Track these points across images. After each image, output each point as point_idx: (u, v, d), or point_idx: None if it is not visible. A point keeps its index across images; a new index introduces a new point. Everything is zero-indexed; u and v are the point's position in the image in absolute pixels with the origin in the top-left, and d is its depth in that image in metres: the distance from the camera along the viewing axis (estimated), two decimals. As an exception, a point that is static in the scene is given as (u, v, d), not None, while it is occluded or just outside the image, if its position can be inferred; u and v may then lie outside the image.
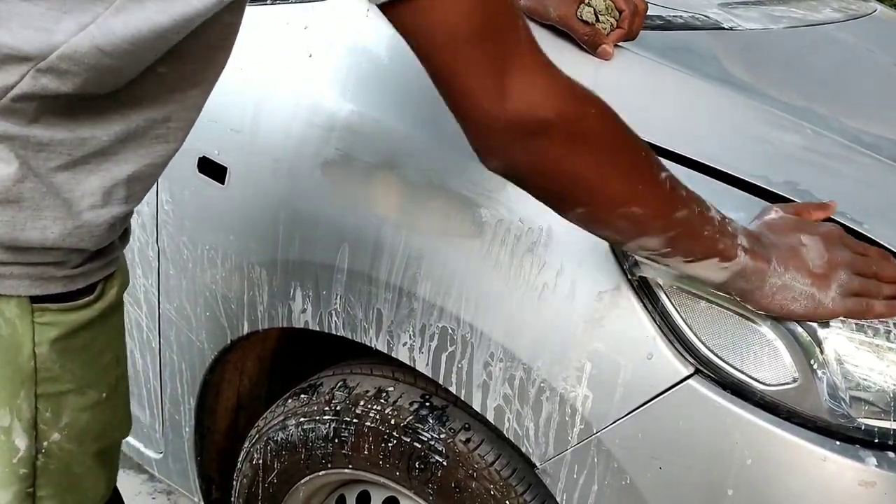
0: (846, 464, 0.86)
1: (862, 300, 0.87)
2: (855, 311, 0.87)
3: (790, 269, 0.84)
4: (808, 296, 0.85)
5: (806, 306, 0.85)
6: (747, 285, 0.84)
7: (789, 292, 0.84)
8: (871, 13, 1.67)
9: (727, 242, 0.81)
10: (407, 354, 1.08)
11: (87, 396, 0.84)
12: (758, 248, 0.83)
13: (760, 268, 0.83)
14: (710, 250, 0.81)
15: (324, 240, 1.13)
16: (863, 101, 1.26)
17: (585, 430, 0.95)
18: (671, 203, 0.78)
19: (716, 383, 0.90)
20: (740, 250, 0.81)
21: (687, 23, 1.24)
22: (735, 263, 0.81)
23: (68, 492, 0.87)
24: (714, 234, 0.80)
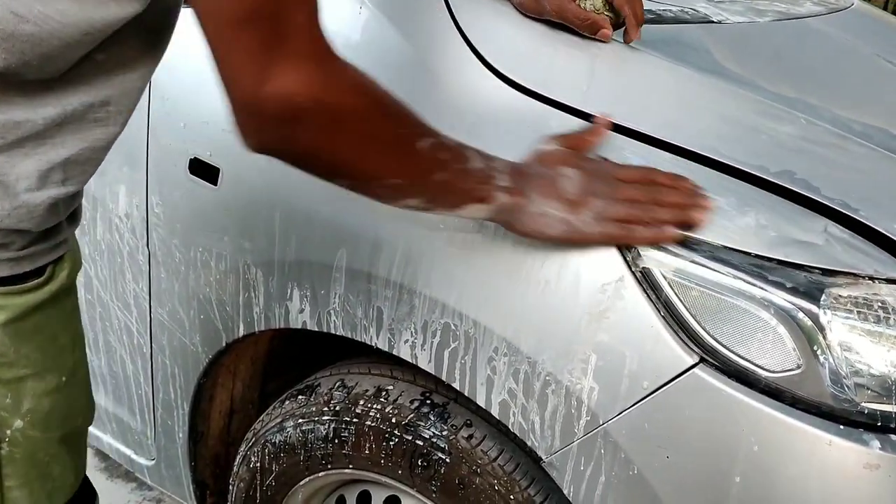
0: (851, 447, 0.87)
1: (624, 225, 0.93)
2: (616, 236, 0.93)
3: (546, 197, 0.91)
4: (563, 221, 0.92)
5: (562, 230, 0.92)
6: (508, 217, 0.92)
7: (546, 219, 0.91)
8: (850, 6, 1.70)
9: (486, 189, 0.88)
10: (409, 352, 1.08)
11: (46, 381, 0.85)
12: (517, 184, 0.90)
13: (518, 202, 0.90)
14: (468, 199, 0.88)
15: (321, 238, 1.12)
16: (851, 91, 1.28)
17: (592, 421, 0.95)
18: (429, 170, 0.83)
19: (721, 371, 0.90)
20: (498, 192, 0.89)
21: (677, 17, 1.25)
22: (493, 205, 0.89)
23: (37, 480, 0.88)
24: (473, 185, 0.87)
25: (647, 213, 0.93)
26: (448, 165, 0.85)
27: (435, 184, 0.85)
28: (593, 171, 0.94)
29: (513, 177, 0.90)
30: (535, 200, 0.91)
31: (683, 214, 0.93)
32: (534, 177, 0.92)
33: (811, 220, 0.94)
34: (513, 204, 0.90)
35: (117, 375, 1.51)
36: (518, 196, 0.90)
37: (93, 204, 1.41)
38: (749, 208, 0.94)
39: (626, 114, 1.04)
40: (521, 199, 0.90)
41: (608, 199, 0.92)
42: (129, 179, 1.33)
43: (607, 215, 0.92)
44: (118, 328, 1.46)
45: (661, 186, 0.95)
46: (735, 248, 0.92)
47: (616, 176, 0.95)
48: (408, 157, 0.82)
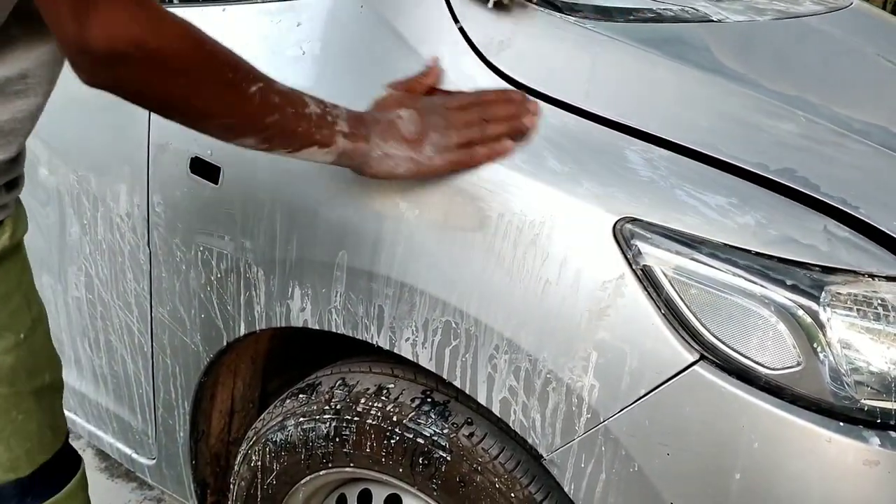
0: (850, 444, 0.87)
1: (464, 150, 0.99)
2: (459, 161, 1.00)
3: (388, 140, 0.97)
4: (408, 159, 0.98)
5: (408, 168, 0.99)
6: (353, 162, 0.98)
7: (392, 160, 0.98)
8: (849, 5, 1.70)
9: (324, 133, 0.93)
10: (410, 350, 1.08)
11: (6, 339, 0.92)
12: (358, 130, 0.96)
13: (360, 147, 0.96)
14: (306, 142, 0.93)
15: (322, 237, 1.12)
16: (850, 89, 1.28)
17: (592, 419, 0.96)
18: (261, 112, 0.88)
19: (721, 369, 0.90)
20: (339, 136, 0.94)
21: (677, 15, 1.25)
22: (334, 148, 0.95)
23: (13, 437, 0.95)
24: (310, 129, 0.92)
25: (481, 132, 0.99)
26: (281, 109, 0.89)
27: (270, 126, 0.89)
28: (427, 107, 1.00)
29: (352, 123, 0.96)
30: (377, 144, 0.97)
31: (513, 125, 1.00)
32: (373, 122, 0.98)
33: (811, 217, 0.94)
34: (354, 149, 0.96)
35: (118, 375, 1.51)
36: (360, 141, 0.96)
37: (93, 203, 1.41)
38: (749, 206, 0.94)
39: (626, 112, 1.04)
40: (363, 143, 0.96)
41: (444, 129, 0.99)
42: (130, 178, 1.33)
43: (446, 145, 0.99)
44: (119, 327, 1.46)
45: (489, 104, 1.01)
46: (735, 246, 0.92)
47: (447, 106, 1.01)
48: (237, 99, 0.86)
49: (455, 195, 1.02)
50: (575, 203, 0.96)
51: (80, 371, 1.58)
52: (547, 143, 1.02)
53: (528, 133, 1.00)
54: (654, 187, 0.96)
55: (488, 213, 1.00)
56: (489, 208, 1.00)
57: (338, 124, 0.95)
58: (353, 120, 0.97)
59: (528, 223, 0.98)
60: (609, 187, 0.97)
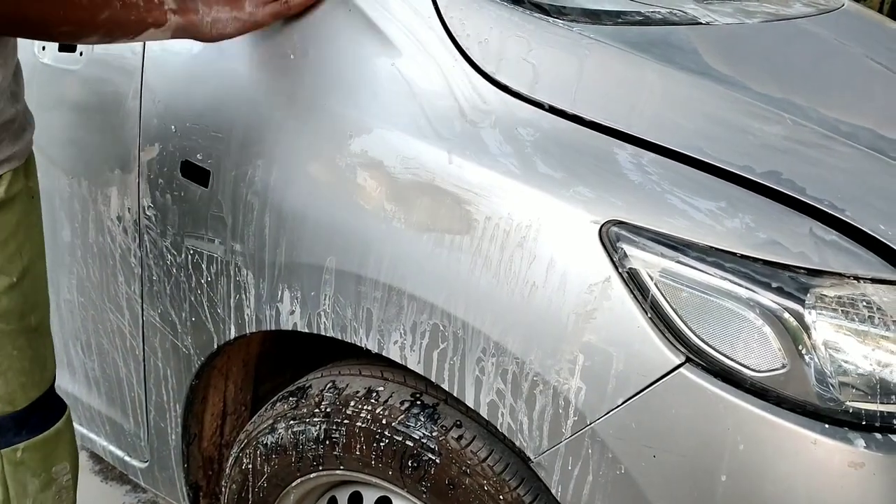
0: (835, 446, 0.87)
1: (282, 2, 1.10)
2: (277, 12, 1.11)
3: (212, 5, 1.08)
4: (233, 19, 1.10)
5: (236, 27, 1.11)
6: (188, 34, 1.09)
7: (220, 23, 1.09)
8: (840, 7, 1.71)
9: (155, 14, 1.03)
10: (398, 353, 1.08)
11: (1, 280, 1.02)
12: (185, 4, 1.06)
13: (190, 19, 1.07)
14: (141, 27, 1.03)
15: (311, 240, 1.12)
16: (839, 91, 1.29)
17: (579, 421, 0.96)
18: (92, 13, 0.98)
19: (707, 371, 0.91)
20: (169, 14, 1.05)
21: (665, 18, 1.26)
22: (168, 25, 1.05)
23: (10, 371, 1.06)
24: (140, 14, 1.02)
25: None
26: (109, 4, 0.99)
27: (105, 22, 0.99)
28: None
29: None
30: (205, 12, 1.08)
31: None
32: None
33: (797, 220, 0.95)
34: (186, 21, 1.07)
35: (110, 378, 1.51)
36: (190, 14, 1.07)
37: (84, 206, 1.41)
38: (735, 209, 0.94)
39: (614, 115, 1.04)
40: (193, 15, 1.07)
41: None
42: (121, 182, 1.34)
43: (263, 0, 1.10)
44: (111, 330, 1.46)
45: None
46: (721, 249, 0.92)
47: None
48: (67, 6, 0.95)
49: (442, 198, 1.02)
50: (561, 206, 0.97)
51: (73, 374, 1.58)
52: (534, 146, 1.02)
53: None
54: (641, 190, 0.96)
55: (475, 217, 1.00)
56: (476, 211, 1.00)
57: (166, 3, 1.04)
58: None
59: (515, 226, 0.98)
60: (596, 190, 0.97)
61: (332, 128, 1.11)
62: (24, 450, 1.10)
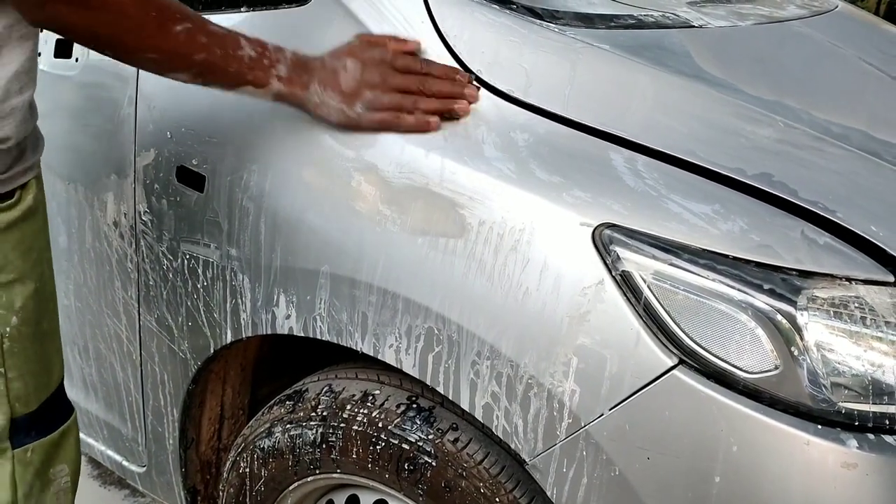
0: (828, 447, 0.88)
1: (394, 114, 1.05)
2: (385, 122, 1.06)
3: (326, 89, 1.05)
4: (339, 111, 1.06)
5: (339, 119, 1.07)
6: (290, 103, 1.07)
7: (326, 108, 1.06)
8: (834, 9, 1.71)
9: (259, 74, 1.02)
10: (393, 356, 1.09)
11: (27, 285, 1.03)
12: (298, 76, 1.05)
13: (296, 93, 1.05)
14: (239, 81, 1.02)
15: (306, 245, 1.13)
16: (831, 93, 1.29)
17: (573, 424, 0.96)
18: (187, 50, 0.97)
19: (700, 373, 0.91)
20: (273, 80, 1.03)
21: (658, 21, 1.26)
22: (268, 90, 1.04)
23: (28, 373, 1.06)
24: (242, 69, 1.01)
25: (414, 102, 1.05)
26: (208, 49, 0.98)
27: (199, 63, 0.98)
28: (372, 62, 1.06)
29: (293, 68, 1.04)
30: (316, 91, 1.05)
31: (447, 104, 1.05)
32: (318, 69, 1.06)
33: (789, 222, 0.95)
34: (290, 93, 1.05)
35: (107, 383, 1.52)
36: (297, 87, 1.05)
37: (80, 212, 1.42)
38: (727, 211, 0.95)
39: (606, 118, 1.05)
40: (300, 90, 1.05)
41: (378, 88, 1.05)
42: (117, 187, 1.34)
43: (376, 104, 1.05)
44: (108, 335, 1.46)
45: (431, 77, 1.05)
46: (714, 251, 0.93)
47: (392, 65, 1.06)
48: (160, 36, 0.95)
49: (437, 202, 1.03)
50: (555, 209, 0.97)
51: (70, 379, 1.59)
52: (527, 150, 1.02)
53: (460, 118, 1.05)
54: (635, 193, 0.97)
55: (469, 221, 1.00)
56: (470, 215, 1.01)
57: (275, 68, 1.03)
58: (295, 65, 1.04)
59: (509, 230, 0.98)
60: (589, 194, 0.97)
61: (327, 132, 1.12)
62: (33, 450, 1.10)
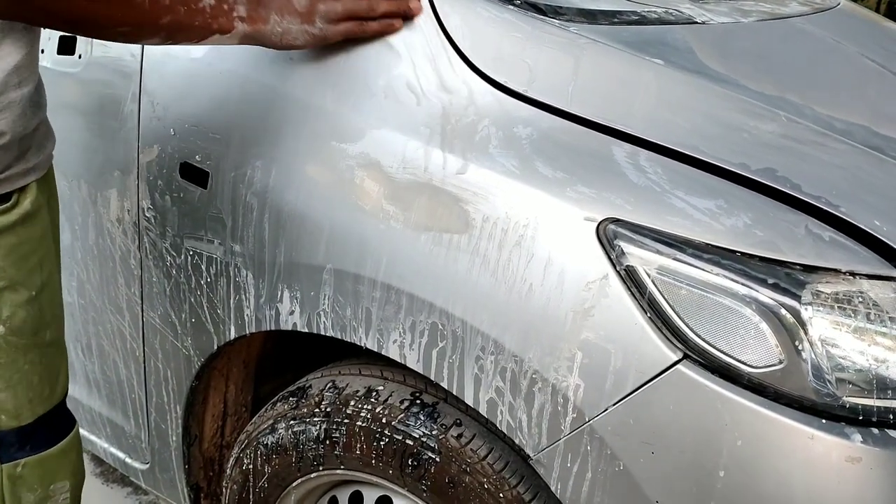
0: (833, 441, 0.88)
1: (356, 22, 1.08)
2: (350, 31, 1.09)
3: (285, 16, 1.06)
4: (302, 32, 1.08)
5: (305, 40, 1.08)
6: (257, 42, 1.07)
7: (290, 35, 1.07)
8: (836, 6, 1.71)
9: (221, 21, 1.02)
10: (397, 352, 1.09)
11: (20, 294, 1.00)
12: (257, 13, 1.05)
13: (259, 28, 1.06)
14: (206, 32, 1.02)
15: (310, 240, 1.13)
16: (834, 89, 1.29)
17: (578, 418, 0.96)
18: (153, 15, 0.97)
19: (704, 367, 0.91)
20: (237, 21, 1.03)
21: (661, 18, 1.26)
22: (235, 33, 1.04)
23: (19, 385, 1.03)
24: (206, 20, 1.01)
25: (370, 6, 1.08)
26: (172, 9, 0.98)
27: (166, 25, 0.98)
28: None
29: (251, 5, 1.05)
30: (276, 21, 1.06)
31: (400, 5, 1.09)
32: (272, 2, 1.06)
33: (793, 217, 0.95)
34: (254, 30, 1.05)
35: (111, 380, 1.52)
36: (259, 23, 1.05)
37: (84, 208, 1.42)
38: (731, 206, 0.95)
39: (609, 114, 1.05)
40: (262, 24, 1.05)
41: (331, 1, 1.07)
42: (120, 184, 1.34)
43: (334, 15, 1.07)
44: (111, 332, 1.47)
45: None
46: (718, 246, 0.93)
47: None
48: (126, 7, 0.95)
49: (440, 198, 1.03)
50: (559, 204, 0.97)
51: (73, 376, 1.59)
52: (531, 145, 1.02)
53: (414, 17, 1.09)
54: (639, 188, 0.97)
55: (473, 216, 1.01)
56: (474, 210, 1.01)
57: (235, 10, 1.03)
58: (251, 2, 1.05)
59: (513, 225, 0.98)
60: (593, 189, 0.97)
61: (330, 128, 1.12)
62: (25, 465, 1.07)
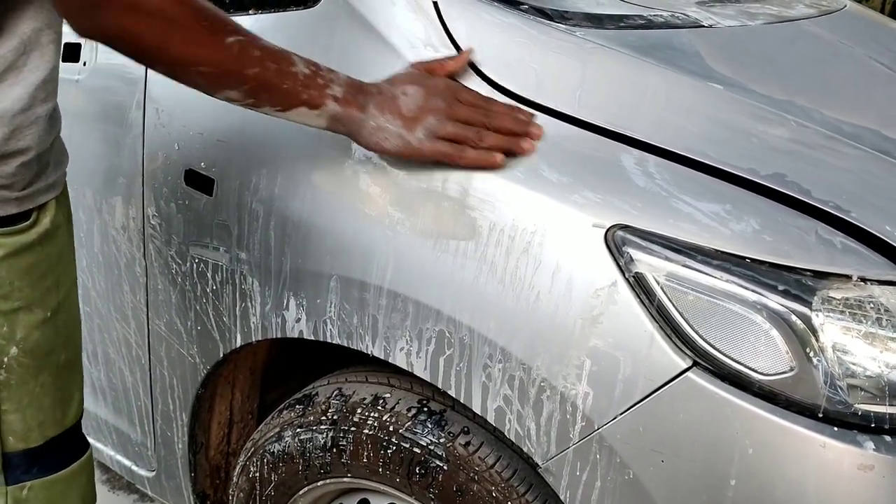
0: (845, 449, 0.87)
1: (456, 146, 1.00)
2: (447, 154, 1.00)
3: (385, 113, 0.99)
4: (398, 136, 1.00)
5: (396, 145, 1.00)
6: (346, 129, 1.00)
7: (383, 133, 1.00)
8: (842, 8, 1.70)
9: (312, 93, 0.96)
10: (404, 360, 1.08)
11: (35, 315, 0.96)
12: (354, 98, 0.99)
13: (352, 114, 0.99)
14: (293, 100, 0.96)
15: (316, 247, 1.12)
16: (842, 93, 1.28)
17: (587, 427, 0.96)
18: (239, 64, 0.91)
19: (714, 375, 0.90)
20: (329, 99, 0.97)
21: (668, 21, 1.26)
22: (324, 110, 0.98)
23: (29, 408, 0.99)
24: (296, 87, 0.95)
25: (478, 135, 0.99)
26: (262, 63, 0.92)
27: (251, 78, 0.92)
28: (435, 89, 1.01)
29: (349, 89, 0.99)
30: (373, 115, 0.99)
31: (512, 142, 1.00)
32: (375, 93, 1.00)
33: (802, 222, 0.94)
34: (346, 114, 0.98)
35: (116, 387, 1.51)
36: (354, 108, 0.99)
37: (89, 216, 1.41)
38: (741, 212, 0.94)
39: (617, 119, 1.04)
40: (356, 111, 0.99)
41: (442, 116, 0.99)
42: (126, 191, 1.34)
43: (439, 133, 0.99)
44: (117, 340, 1.46)
45: (496, 113, 1.01)
46: (727, 252, 0.92)
47: (456, 96, 1.01)
48: (212, 47, 0.90)
49: (446, 204, 1.02)
50: (567, 211, 0.97)
51: (79, 384, 1.58)
52: (538, 151, 1.02)
53: (524, 155, 1.01)
54: (647, 194, 0.96)
55: (480, 223, 1.00)
56: (481, 217, 1.00)
57: (330, 87, 0.97)
58: (350, 87, 0.99)
59: (521, 232, 0.98)
60: (601, 195, 0.97)
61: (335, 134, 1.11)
62: (31, 488, 1.02)
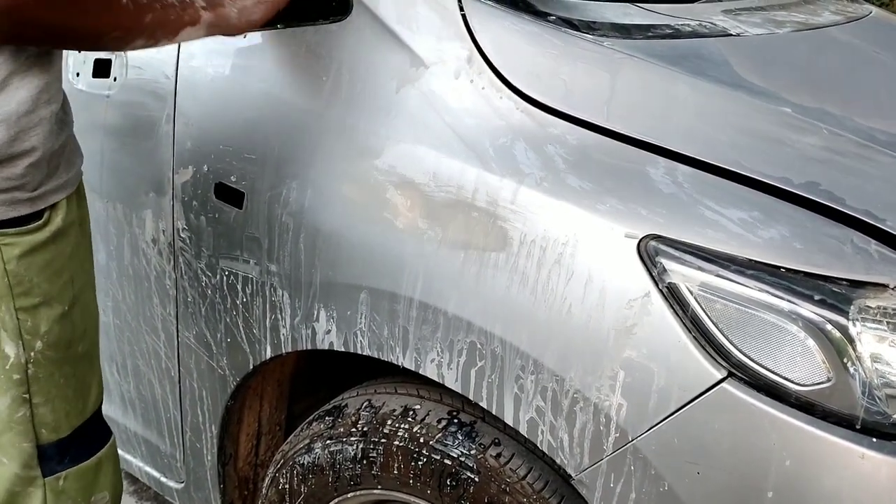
0: (884, 460, 0.86)
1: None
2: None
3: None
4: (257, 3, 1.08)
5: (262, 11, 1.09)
6: (220, 30, 1.07)
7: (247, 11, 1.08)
8: (868, 15, 1.69)
9: (189, 13, 1.02)
10: (435, 371, 1.08)
11: (54, 309, 1.03)
12: None
13: (219, 13, 1.06)
14: (179, 26, 1.02)
15: (347, 259, 1.13)
16: (873, 100, 1.27)
17: (621, 438, 0.95)
18: (138, 16, 0.97)
19: (750, 386, 0.90)
20: (201, 11, 1.04)
21: (695, 31, 1.25)
22: (202, 22, 1.04)
23: (57, 398, 1.06)
24: (179, 14, 1.01)
25: None
26: (150, 7, 0.98)
27: (147, 25, 0.98)
28: None
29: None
30: (229, 4, 1.07)
31: None
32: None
33: (837, 231, 0.94)
34: (217, 16, 1.06)
35: (146, 399, 1.52)
36: (218, 7, 1.06)
37: (119, 229, 1.43)
38: (774, 221, 0.94)
39: (647, 129, 1.04)
40: (220, 8, 1.06)
41: None
42: (156, 205, 1.35)
43: None
44: (146, 352, 1.47)
45: None
46: (761, 262, 0.92)
47: None
48: (115, 13, 0.95)
49: (477, 216, 1.02)
50: (598, 221, 0.96)
51: (109, 395, 1.59)
52: (568, 161, 1.02)
53: None
54: (679, 204, 0.96)
55: (511, 234, 1.00)
56: (512, 228, 1.00)
57: (197, 1, 1.04)
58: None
59: (552, 242, 0.98)
60: (632, 205, 0.97)
61: (365, 147, 1.12)
62: (66, 478, 1.09)
